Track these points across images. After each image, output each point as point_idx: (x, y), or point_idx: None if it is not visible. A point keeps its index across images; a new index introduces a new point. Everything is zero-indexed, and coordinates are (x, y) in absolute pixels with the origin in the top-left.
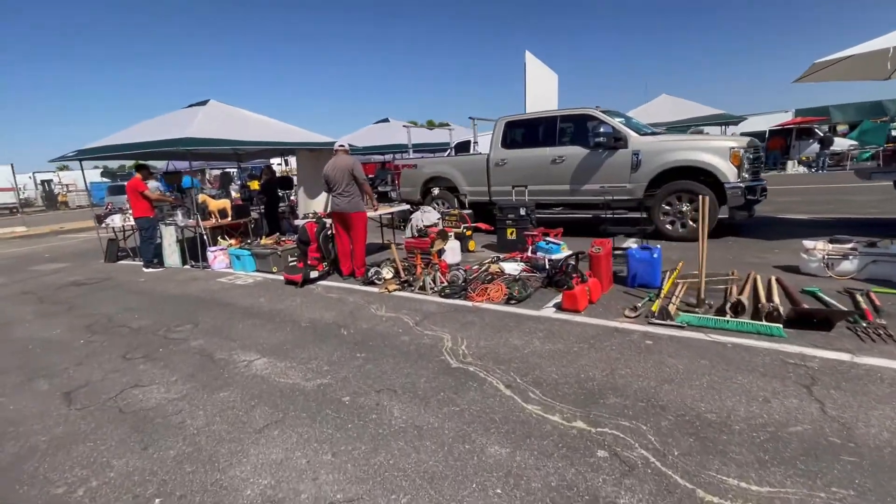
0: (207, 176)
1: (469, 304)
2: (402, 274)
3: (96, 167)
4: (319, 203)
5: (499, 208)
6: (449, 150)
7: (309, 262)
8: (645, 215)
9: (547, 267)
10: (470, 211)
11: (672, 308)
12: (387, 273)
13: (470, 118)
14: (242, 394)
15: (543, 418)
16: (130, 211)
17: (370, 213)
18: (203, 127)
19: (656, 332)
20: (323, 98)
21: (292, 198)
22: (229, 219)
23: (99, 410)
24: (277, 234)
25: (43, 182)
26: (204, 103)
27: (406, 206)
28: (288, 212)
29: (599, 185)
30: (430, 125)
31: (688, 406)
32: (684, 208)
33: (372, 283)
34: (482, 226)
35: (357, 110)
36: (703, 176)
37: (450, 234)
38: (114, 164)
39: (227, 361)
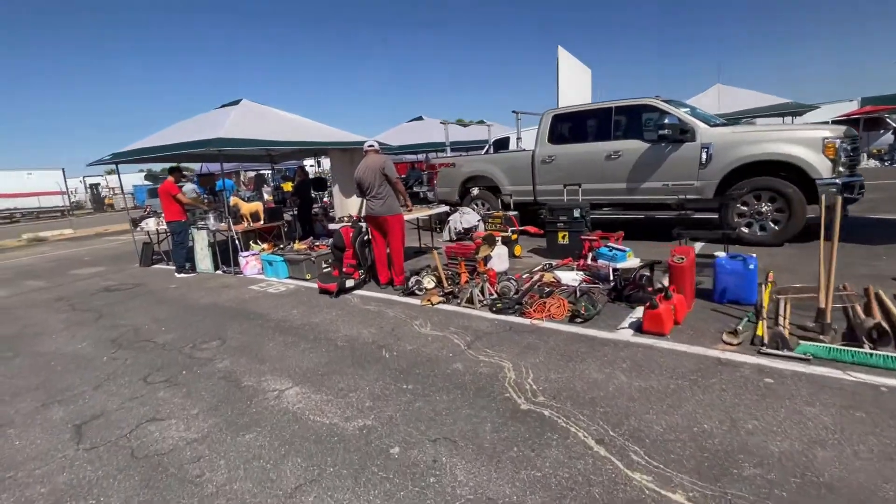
0: (242, 178)
1: (526, 321)
2: (446, 283)
3: (141, 170)
4: (354, 204)
5: (549, 209)
6: (487, 148)
7: (344, 269)
8: (716, 216)
9: (612, 278)
10: (516, 212)
11: (785, 333)
12: (428, 282)
13: (513, 112)
14: (271, 437)
15: (661, 498)
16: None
17: (406, 216)
18: (235, 127)
19: (773, 367)
20: (353, 97)
21: (325, 199)
22: (261, 222)
23: (109, 452)
24: (311, 238)
25: (91, 185)
26: (236, 103)
27: (445, 208)
28: (321, 214)
29: (662, 182)
30: (462, 123)
31: (866, 488)
32: (764, 209)
33: (412, 294)
34: (531, 229)
35: (388, 109)
36: (785, 172)
37: (497, 238)
38: (157, 167)
39: (256, 390)
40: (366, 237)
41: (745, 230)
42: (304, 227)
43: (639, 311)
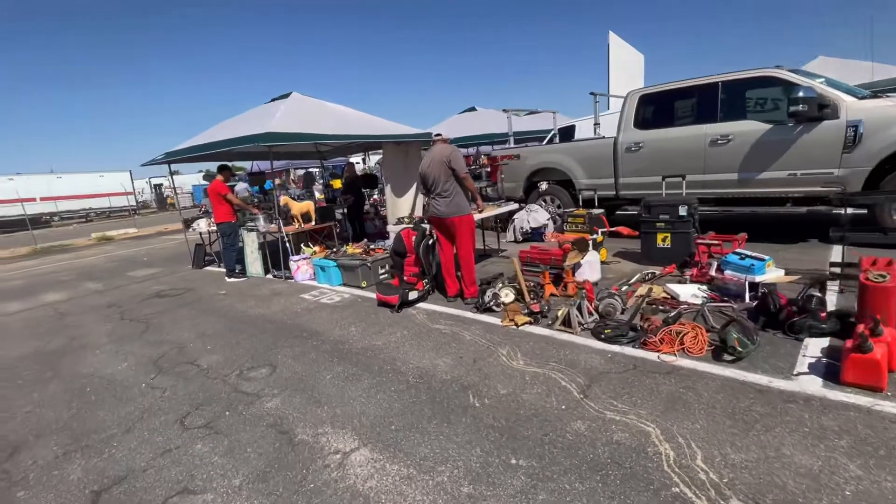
0: (291, 176)
1: (650, 355)
2: (528, 298)
3: (199, 171)
4: (405, 204)
5: (645, 206)
6: (549, 138)
7: (406, 278)
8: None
9: (748, 295)
10: (601, 210)
11: None
12: (506, 296)
13: (591, 93)
14: None
15: None
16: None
17: (475, 216)
18: (285, 121)
19: None
20: (401, 90)
21: (375, 197)
22: (313, 223)
23: None
24: (365, 240)
25: (155, 186)
26: (286, 96)
27: (513, 205)
28: (373, 213)
29: (787, 172)
30: (518, 113)
31: None
32: None
33: (489, 310)
34: (624, 230)
35: (431, 103)
36: None
37: (589, 241)
38: (214, 166)
39: (313, 449)
40: (430, 241)
41: None
42: (354, 227)
43: (813, 348)
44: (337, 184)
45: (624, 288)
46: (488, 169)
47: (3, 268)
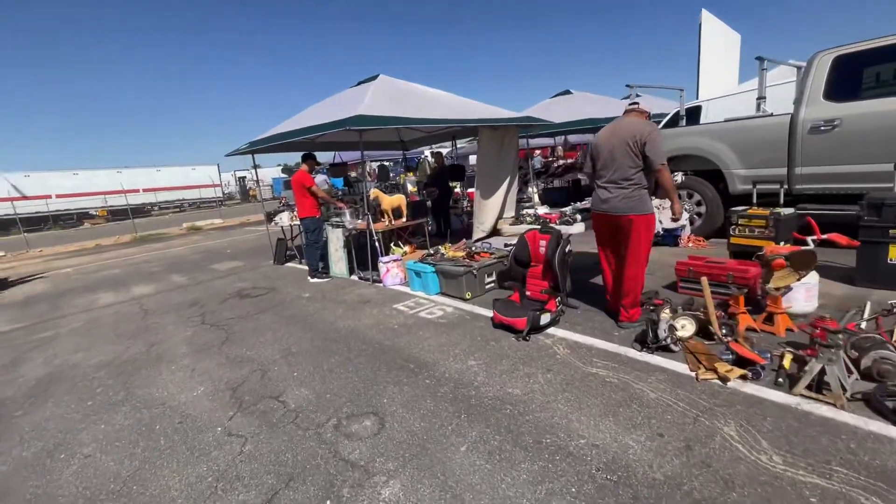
0: (367, 169)
1: None
2: (720, 333)
3: (278, 164)
4: (494, 206)
5: (870, 206)
6: (668, 120)
7: (529, 293)
8: None
9: None
10: (800, 210)
11: None
12: (682, 328)
13: (758, 58)
14: None
15: None
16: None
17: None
18: (374, 104)
19: None
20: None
21: (457, 190)
22: (404, 219)
23: None
24: (464, 241)
25: (239, 178)
26: (374, 79)
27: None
28: (461, 209)
29: None
30: (628, 91)
31: None
32: None
33: (665, 349)
34: (841, 239)
35: (525, 86)
36: None
37: (811, 258)
38: (292, 160)
39: None
40: (567, 248)
41: None
42: (439, 223)
43: None
44: (403, 179)
45: (862, 325)
46: (560, 162)
47: (106, 256)
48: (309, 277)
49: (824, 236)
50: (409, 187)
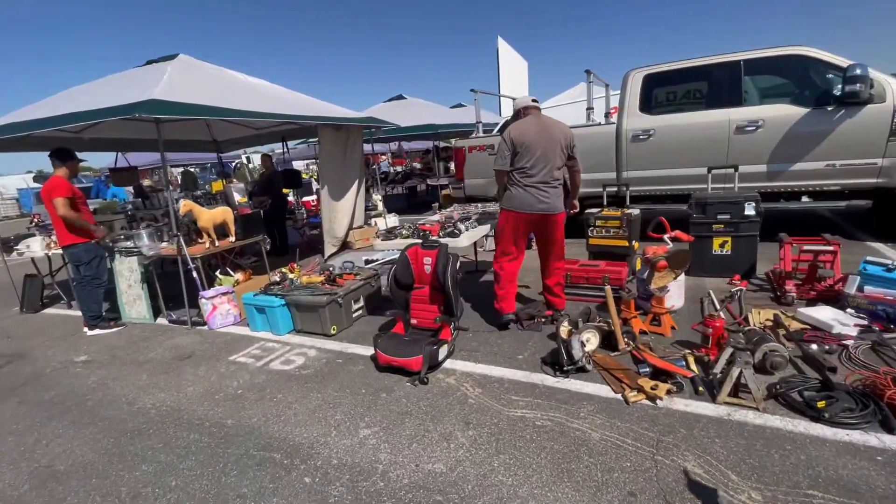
0: (169, 175)
1: None
2: (623, 342)
3: (29, 171)
4: (345, 209)
5: (697, 204)
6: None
7: (414, 321)
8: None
9: None
10: (636, 211)
11: None
12: (588, 342)
13: (586, 71)
14: None
15: None
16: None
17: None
18: (175, 89)
19: None
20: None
21: (290, 199)
22: (232, 238)
23: None
24: (318, 261)
25: None
26: (171, 58)
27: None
28: (302, 220)
29: (825, 162)
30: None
31: None
32: None
33: (581, 370)
34: (682, 236)
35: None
36: None
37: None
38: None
39: None
40: (459, 265)
41: None
42: (273, 238)
43: None
44: (218, 186)
45: (721, 314)
46: (400, 168)
47: None
48: (86, 329)
49: (673, 233)
50: (237, 197)
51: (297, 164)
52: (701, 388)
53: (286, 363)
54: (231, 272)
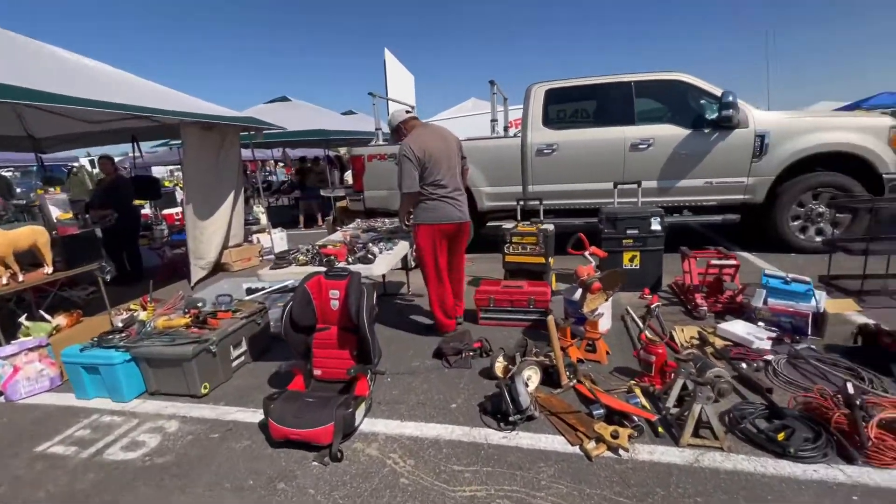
0: None
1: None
2: (565, 378)
3: None
4: (216, 233)
5: (605, 219)
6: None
7: (320, 374)
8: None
9: (810, 330)
10: (550, 226)
11: None
12: (530, 380)
13: (490, 81)
14: None
15: None
16: None
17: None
18: None
19: None
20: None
21: (145, 212)
22: (48, 270)
23: None
24: (181, 296)
25: None
26: None
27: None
28: (160, 239)
29: (704, 180)
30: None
31: None
32: (822, 209)
33: (530, 418)
34: (599, 252)
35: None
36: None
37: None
38: None
39: None
40: (375, 299)
41: (800, 235)
42: (121, 262)
43: None
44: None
45: (647, 333)
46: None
47: None
48: None
49: (592, 250)
50: (56, 212)
51: (158, 171)
52: (660, 429)
53: (131, 448)
54: (47, 316)
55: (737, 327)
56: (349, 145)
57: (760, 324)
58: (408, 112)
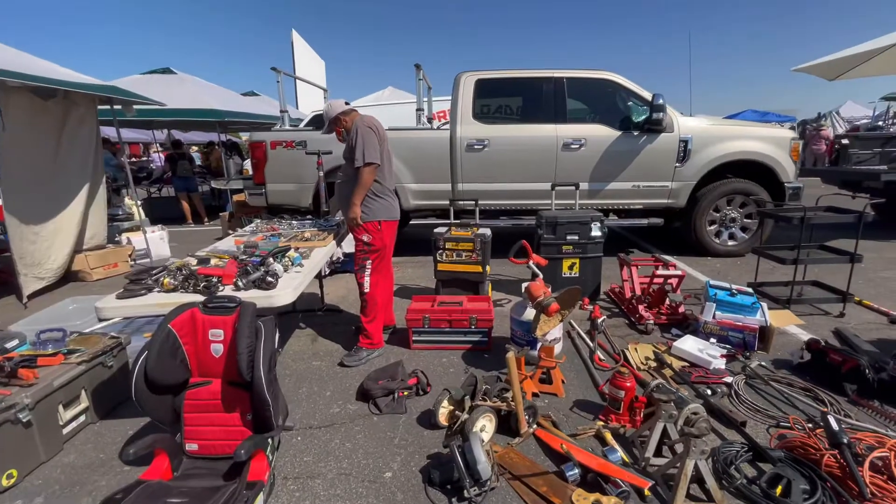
0: None
1: None
2: (524, 423)
3: None
4: (62, 231)
5: (545, 223)
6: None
7: (197, 449)
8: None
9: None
10: (487, 231)
11: None
12: (483, 430)
13: (416, 65)
14: None
15: None
16: None
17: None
18: None
19: None
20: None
21: None
22: None
23: None
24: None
25: None
26: None
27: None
28: None
29: (632, 183)
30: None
31: None
32: (734, 214)
33: (490, 489)
34: (541, 260)
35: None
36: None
37: (546, 292)
38: None
39: None
40: (277, 342)
41: (715, 239)
42: None
43: None
44: None
45: (600, 355)
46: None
47: None
48: None
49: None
50: None
51: None
52: (647, 492)
53: None
54: None
55: (688, 344)
56: (251, 130)
57: (712, 340)
58: (346, 104)
